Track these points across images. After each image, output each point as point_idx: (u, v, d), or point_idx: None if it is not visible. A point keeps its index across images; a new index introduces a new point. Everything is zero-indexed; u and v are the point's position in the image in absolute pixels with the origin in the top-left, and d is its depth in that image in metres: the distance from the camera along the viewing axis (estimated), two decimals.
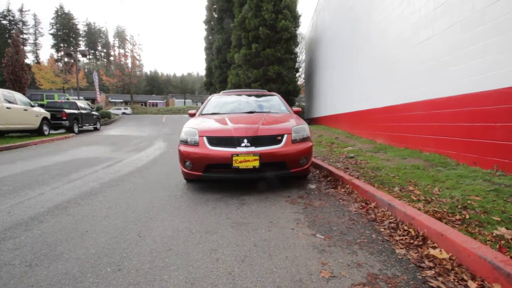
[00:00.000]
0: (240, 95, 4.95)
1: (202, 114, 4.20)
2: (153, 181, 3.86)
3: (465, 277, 1.37)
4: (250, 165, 2.88)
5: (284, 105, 4.56)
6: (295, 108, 4.51)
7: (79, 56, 20.36)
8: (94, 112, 14.45)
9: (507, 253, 1.43)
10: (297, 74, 16.12)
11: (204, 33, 21.11)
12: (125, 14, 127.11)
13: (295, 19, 14.14)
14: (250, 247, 1.80)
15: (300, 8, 46.17)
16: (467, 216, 1.97)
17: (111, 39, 64.94)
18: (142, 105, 47.93)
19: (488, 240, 1.61)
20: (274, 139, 3.07)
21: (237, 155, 2.88)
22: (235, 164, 2.88)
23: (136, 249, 1.80)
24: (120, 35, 48.48)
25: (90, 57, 64.06)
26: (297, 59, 15.01)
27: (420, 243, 1.72)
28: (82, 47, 59.58)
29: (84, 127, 13.34)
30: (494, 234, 1.67)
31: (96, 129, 14.47)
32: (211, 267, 1.57)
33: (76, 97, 19.69)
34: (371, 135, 6.81)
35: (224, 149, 2.97)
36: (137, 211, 2.58)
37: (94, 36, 65.85)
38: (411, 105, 4.93)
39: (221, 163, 2.94)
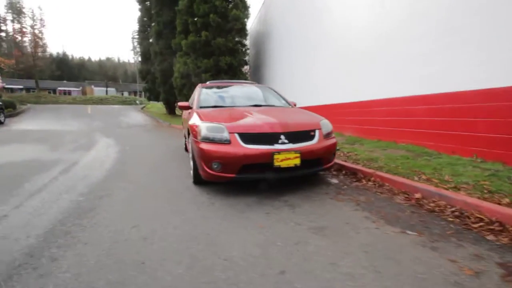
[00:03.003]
0: (229, 86, 4.58)
1: (202, 107, 3.71)
2: (148, 185, 3.28)
3: None
4: (291, 163, 2.68)
5: (281, 97, 4.43)
6: (290, 101, 4.44)
7: None
8: None
9: None
10: (247, 67, 15.98)
11: (138, 14, 18.75)
12: None
13: (245, 9, 13.89)
14: (361, 255, 1.67)
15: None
16: (508, 200, 2.28)
17: (1, 10, 51.42)
18: (50, 92, 39.90)
19: None
20: (308, 135, 2.93)
21: (279, 153, 2.63)
22: (276, 163, 2.63)
23: (233, 277, 1.45)
24: (14, 7, 38.73)
25: None
26: (247, 51, 14.83)
27: (501, 228, 1.91)
28: None
29: None
30: None
31: None
32: (351, 285, 1.38)
33: None
34: (338, 128, 7.30)
35: (261, 147, 2.67)
36: (179, 227, 2.10)
37: None
38: (387, 100, 5.45)
39: (261, 162, 2.65)
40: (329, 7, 7.47)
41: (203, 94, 4.08)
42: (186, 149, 5.53)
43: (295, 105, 4.37)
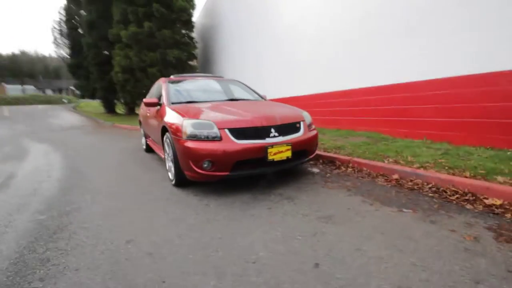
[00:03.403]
0: (195, 80, 4.33)
1: (173, 103, 3.43)
2: (123, 194, 2.93)
3: None
4: (284, 156, 2.68)
5: (252, 90, 4.39)
6: (262, 94, 4.44)
7: None
8: None
9: None
10: (195, 61, 15.33)
11: (64, 2, 16.25)
12: None
13: (191, 0, 13.25)
14: (380, 237, 1.77)
15: None
16: (471, 174, 2.67)
17: None
18: None
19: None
20: (294, 127, 2.97)
21: (272, 146, 2.60)
22: (270, 157, 2.60)
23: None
24: None
25: None
26: (196, 44, 14.20)
27: (473, 198, 2.23)
28: None
29: None
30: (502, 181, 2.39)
31: None
32: (387, 267, 1.45)
33: None
34: None
35: (254, 141, 2.60)
36: (185, 235, 1.91)
37: None
38: (346, 92, 5.84)
39: (254, 157, 2.58)
40: (279, 10, 7.62)
41: (171, 89, 3.77)
42: (148, 149, 5.08)
43: (264, 97, 4.36)
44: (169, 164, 3.13)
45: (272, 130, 2.72)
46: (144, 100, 3.67)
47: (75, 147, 6.24)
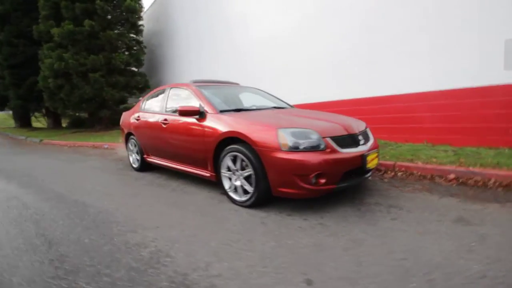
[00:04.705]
0: (221, 87, 3.93)
1: (223, 111, 2.99)
2: (203, 227, 2.34)
3: None
4: (374, 163, 2.64)
5: (277, 98, 4.21)
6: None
7: None
8: None
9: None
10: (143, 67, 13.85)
11: None
12: None
13: (139, 0, 12.05)
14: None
15: None
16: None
17: None
18: None
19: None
20: (368, 134, 2.95)
21: (368, 154, 2.52)
22: (367, 165, 2.50)
23: None
24: None
25: None
26: (145, 49, 12.84)
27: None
28: None
29: None
30: None
31: None
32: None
33: None
34: None
35: (354, 150, 2.48)
36: (277, 256, 1.63)
37: None
38: (337, 102, 6.15)
39: (355, 166, 2.43)
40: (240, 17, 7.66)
41: (210, 95, 3.27)
42: (144, 168, 4.29)
43: None
44: (236, 183, 2.66)
45: (360, 137, 2.64)
46: (182, 108, 3.07)
47: (10, 176, 4.73)
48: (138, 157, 4.41)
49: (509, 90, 3.92)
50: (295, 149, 2.27)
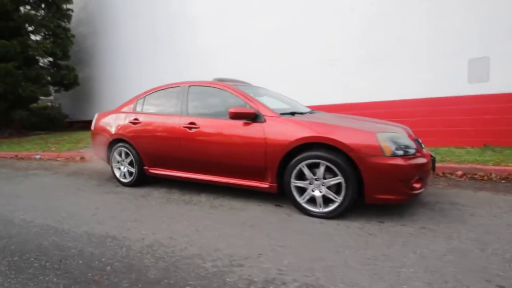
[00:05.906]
0: (243, 86, 3.57)
1: (284, 114, 2.73)
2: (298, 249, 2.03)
3: None
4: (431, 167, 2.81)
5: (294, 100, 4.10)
6: None
7: None
8: None
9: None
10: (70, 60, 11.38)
11: None
12: None
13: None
14: None
15: None
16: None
17: None
18: None
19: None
20: None
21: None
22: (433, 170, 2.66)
23: None
24: None
25: None
26: (73, 39, 10.53)
27: None
28: None
29: None
30: None
31: None
32: None
33: None
34: None
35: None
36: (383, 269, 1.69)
37: None
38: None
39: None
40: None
41: (257, 97, 2.91)
42: (140, 182, 3.55)
43: None
44: (314, 193, 2.42)
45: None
46: (233, 110, 2.60)
47: None
48: (133, 170, 3.56)
49: (471, 100, 4.86)
50: (397, 154, 2.22)
